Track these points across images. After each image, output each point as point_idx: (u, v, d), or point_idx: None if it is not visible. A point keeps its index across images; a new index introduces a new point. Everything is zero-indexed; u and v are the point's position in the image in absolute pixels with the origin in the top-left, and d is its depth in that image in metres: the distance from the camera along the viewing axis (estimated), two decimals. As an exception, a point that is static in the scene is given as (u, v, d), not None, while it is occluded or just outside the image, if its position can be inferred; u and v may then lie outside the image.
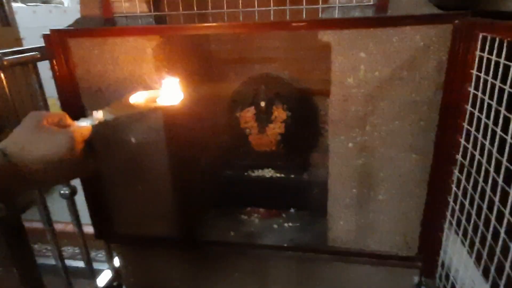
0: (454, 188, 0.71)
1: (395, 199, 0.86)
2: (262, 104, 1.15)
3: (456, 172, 0.70)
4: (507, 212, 0.48)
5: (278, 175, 1.14)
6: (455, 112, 0.70)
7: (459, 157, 0.69)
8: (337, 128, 0.83)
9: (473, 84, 0.63)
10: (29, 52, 0.88)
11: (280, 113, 1.14)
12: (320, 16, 0.76)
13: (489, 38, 0.57)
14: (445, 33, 0.70)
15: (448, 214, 0.73)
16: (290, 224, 1.09)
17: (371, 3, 0.73)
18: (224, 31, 0.75)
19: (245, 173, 1.17)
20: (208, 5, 0.78)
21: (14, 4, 2.88)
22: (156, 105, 0.59)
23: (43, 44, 0.88)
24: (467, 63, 0.66)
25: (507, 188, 0.49)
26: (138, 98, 0.58)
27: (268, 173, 1.15)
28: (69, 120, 0.52)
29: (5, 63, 0.79)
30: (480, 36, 0.60)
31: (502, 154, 0.52)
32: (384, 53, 0.75)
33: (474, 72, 0.63)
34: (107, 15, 0.83)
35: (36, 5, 3.49)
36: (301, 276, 1.00)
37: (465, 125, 0.66)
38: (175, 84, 0.61)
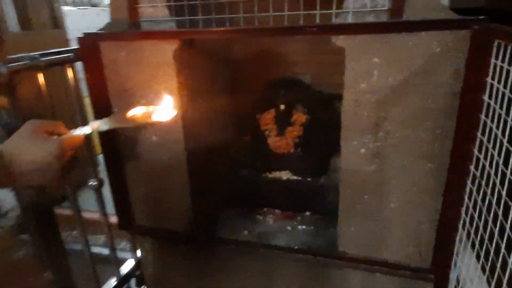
0: (466, 200, 0.68)
1: (408, 208, 0.84)
2: (282, 107, 1.16)
3: (469, 183, 0.67)
4: (507, 226, 0.46)
5: (294, 177, 1.15)
6: (469, 121, 0.67)
7: (472, 168, 0.66)
8: (349, 133, 0.83)
9: (487, 92, 0.61)
10: (65, 54, 0.96)
11: (299, 117, 1.15)
12: (333, 20, 0.76)
13: (502, 45, 0.55)
14: (463, 39, 0.68)
15: (460, 227, 0.71)
16: (304, 227, 1.10)
17: (386, 7, 0.72)
18: (238, 35, 0.78)
19: (263, 174, 1.18)
20: (226, 11, 0.80)
21: (65, 8, 3.12)
22: (151, 121, 0.62)
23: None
24: (482, 71, 0.63)
25: (510, 203, 0.47)
26: (136, 112, 0.61)
27: (285, 175, 1.16)
28: (63, 129, 0.57)
29: (42, 63, 0.87)
30: (496, 43, 0.58)
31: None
32: (398, 58, 0.73)
33: (489, 80, 0.60)
34: (133, 20, 0.89)
35: (85, 8, 3.75)
36: (310, 279, 1.00)
37: (479, 135, 0.63)
38: (169, 101, 0.63)
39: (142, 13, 0.88)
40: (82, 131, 0.58)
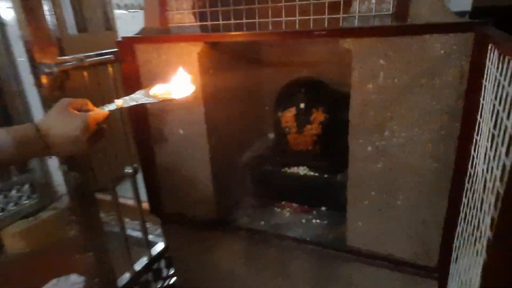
0: (464, 200, 0.69)
1: (414, 206, 0.86)
2: (302, 105, 1.21)
3: (466, 183, 0.69)
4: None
5: (312, 173, 1.20)
6: (469, 121, 0.69)
7: (469, 168, 0.68)
8: (356, 132, 0.87)
9: (482, 94, 0.62)
10: (107, 55, 1.09)
11: (318, 115, 1.19)
12: (341, 24, 0.80)
13: (494, 49, 0.56)
14: (467, 41, 0.70)
15: (458, 226, 0.72)
16: (318, 221, 1.14)
17: (390, 12, 0.75)
18: (253, 38, 0.85)
19: (282, 169, 1.24)
20: (243, 16, 0.88)
21: (117, 11, 3.38)
22: (171, 97, 0.70)
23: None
24: (480, 72, 0.65)
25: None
26: (156, 90, 0.70)
27: (303, 171, 1.21)
28: (90, 106, 0.66)
29: (86, 64, 1.01)
30: (489, 47, 0.59)
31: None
32: (404, 60, 0.76)
33: (484, 82, 0.62)
34: (164, 25, 0.99)
35: (136, 11, 4.02)
36: (320, 270, 1.05)
37: (475, 135, 0.65)
38: (187, 79, 0.71)
39: (171, 19, 0.98)
40: (107, 107, 0.67)
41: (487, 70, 0.60)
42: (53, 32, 2.32)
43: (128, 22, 3.78)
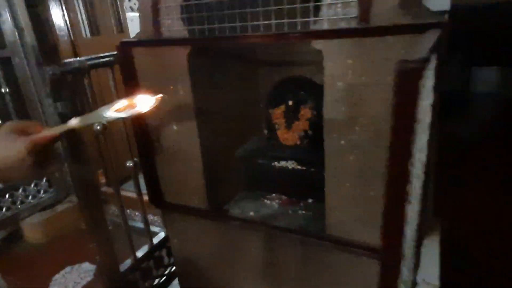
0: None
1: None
2: (290, 103, 1.28)
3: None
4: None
5: (299, 167, 1.26)
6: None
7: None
8: (330, 127, 0.93)
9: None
10: (107, 58, 1.19)
11: (306, 112, 1.26)
12: (311, 27, 0.87)
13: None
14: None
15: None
16: (304, 212, 1.21)
17: (355, 15, 0.81)
18: (233, 42, 0.92)
19: (272, 163, 1.31)
20: (225, 21, 0.95)
21: (130, 14, 3.52)
22: (133, 112, 0.71)
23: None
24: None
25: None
26: (120, 105, 0.70)
27: (291, 165, 1.27)
28: (37, 128, 0.63)
29: (87, 66, 1.10)
30: (435, 46, 0.65)
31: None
32: (369, 60, 0.82)
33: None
34: (156, 30, 1.08)
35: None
36: (301, 256, 1.12)
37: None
38: (147, 96, 0.74)
39: (163, 24, 1.07)
40: (58, 129, 0.64)
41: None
42: (64, 36, 2.47)
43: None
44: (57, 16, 2.48)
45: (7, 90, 1.51)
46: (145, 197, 1.39)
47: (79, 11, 2.65)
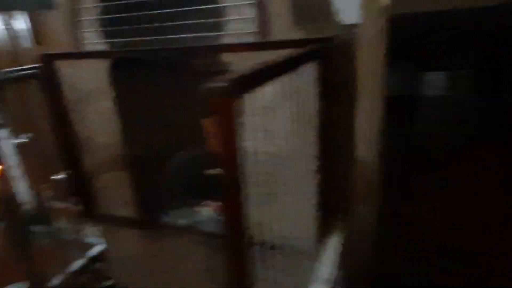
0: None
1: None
2: (219, 112, 1.32)
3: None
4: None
5: (229, 174, 1.31)
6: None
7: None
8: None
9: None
10: (31, 70, 1.19)
11: (234, 120, 1.31)
12: (220, 42, 0.93)
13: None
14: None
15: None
16: (232, 217, 1.25)
17: (257, 30, 0.88)
18: (150, 54, 0.97)
19: (204, 171, 1.35)
20: (145, 34, 1.00)
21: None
22: None
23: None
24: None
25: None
26: None
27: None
28: None
29: (6, 78, 1.10)
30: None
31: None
32: (270, 70, 0.89)
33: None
34: (78, 44, 1.10)
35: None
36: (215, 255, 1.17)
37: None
38: None
39: (86, 37, 1.09)
40: None
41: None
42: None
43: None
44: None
45: None
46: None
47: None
